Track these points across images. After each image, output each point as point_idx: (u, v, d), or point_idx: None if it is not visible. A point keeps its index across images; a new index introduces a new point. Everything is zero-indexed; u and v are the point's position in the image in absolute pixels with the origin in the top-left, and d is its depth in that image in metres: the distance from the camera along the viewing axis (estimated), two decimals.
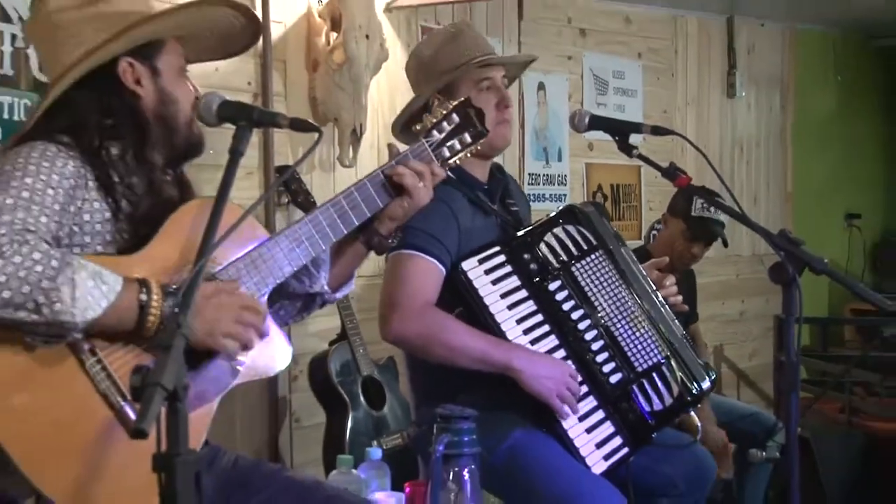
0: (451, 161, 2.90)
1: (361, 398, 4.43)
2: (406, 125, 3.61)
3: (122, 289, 2.35)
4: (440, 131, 2.87)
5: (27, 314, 2.27)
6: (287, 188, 4.25)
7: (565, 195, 5.94)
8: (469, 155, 2.94)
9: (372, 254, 2.98)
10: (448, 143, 2.88)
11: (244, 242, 2.63)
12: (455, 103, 2.92)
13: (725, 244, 5.32)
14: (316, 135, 2.67)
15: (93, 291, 2.31)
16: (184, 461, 1.98)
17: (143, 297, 2.38)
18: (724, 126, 7.38)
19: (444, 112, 2.89)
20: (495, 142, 3.48)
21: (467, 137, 2.90)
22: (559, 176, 5.95)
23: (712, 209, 5.05)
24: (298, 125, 2.65)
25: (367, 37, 4.73)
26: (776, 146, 7.87)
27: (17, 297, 2.25)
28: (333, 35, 4.70)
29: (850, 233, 8.39)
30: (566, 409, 3.27)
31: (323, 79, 4.71)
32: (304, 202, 4.22)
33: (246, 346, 2.51)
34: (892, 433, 5.76)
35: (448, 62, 3.51)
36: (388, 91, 4.99)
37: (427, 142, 2.84)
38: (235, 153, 2.46)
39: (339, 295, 3.00)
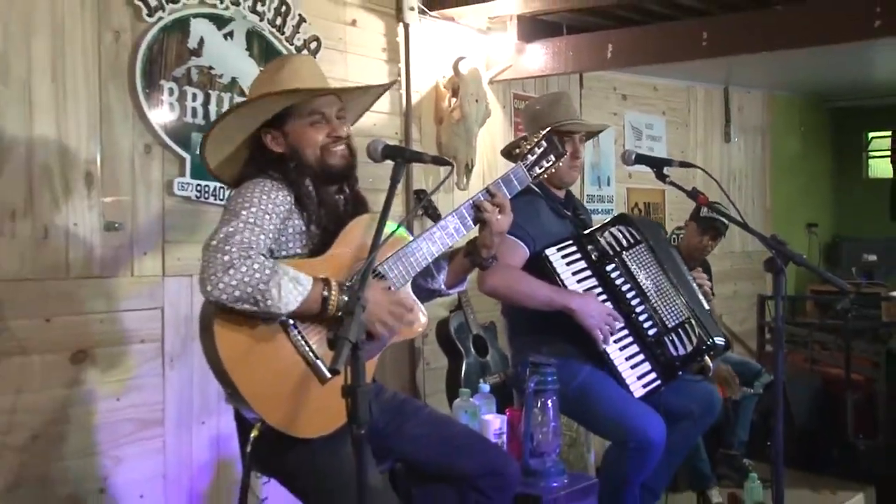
0: (542, 175, 2.88)
1: (472, 349, 4.44)
2: (508, 153, 3.74)
3: (312, 288, 2.42)
4: (533, 154, 2.86)
5: (250, 307, 2.36)
6: (421, 203, 4.24)
7: (612, 209, 5.95)
8: (554, 170, 2.91)
9: None
10: (538, 163, 2.85)
11: (395, 244, 2.65)
12: (543, 133, 2.91)
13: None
14: (448, 168, 2.68)
15: (292, 291, 2.39)
16: (362, 391, 2.04)
17: (325, 293, 2.46)
18: (723, 162, 7.36)
19: (536, 139, 2.89)
20: (568, 179, 3.67)
21: (552, 157, 2.88)
22: (608, 196, 5.94)
23: (717, 208, 5.08)
24: (437, 160, 2.66)
25: (476, 101, 4.75)
26: (758, 176, 7.82)
27: (244, 296, 2.33)
28: (453, 100, 4.72)
29: (810, 237, 8.38)
30: (603, 337, 3.31)
31: (446, 129, 4.73)
32: (432, 214, 4.19)
33: (392, 332, 2.55)
34: (839, 376, 5.74)
35: (549, 118, 3.52)
36: (489, 137, 5.00)
37: (523, 164, 2.84)
38: (394, 181, 2.47)
39: (452, 292, 2.99)
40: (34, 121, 3.29)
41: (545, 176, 2.90)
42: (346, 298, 2.44)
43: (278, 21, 4.00)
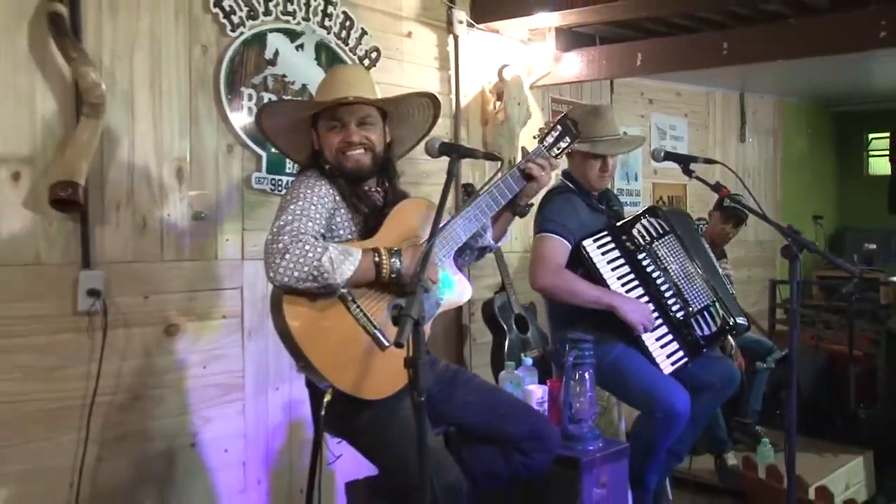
0: (559, 154, 2.89)
1: (514, 327, 4.44)
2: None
3: (362, 257, 2.46)
4: (550, 137, 2.86)
5: (311, 283, 2.39)
6: (468, 195, 4.24)
7: (640, 202, 5.91)
8: (570, 150, 2.96)
9: (520, 241, 2.98)
10: (556, 144, 2.86)
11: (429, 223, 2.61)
12: (559, 118, 2.91)
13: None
14: (498, 162, 2.69)
15: (344, 262, 2.42)
16: (422, 362, 2.03)
17: (376, 258, 2.50)
18: (739, 160, 7.27)
19: (552, 124, 2.89)
20: (598, 186, 3.68)
21: (567, 139, 2.88)
22: (636, 190, 5.92)
23: (738, 199, 5.09)
24: (488, 156, 2.68)
25: (518, 104, 4.75)
26: (770, 173, 7.72)
27: (303, 275, 2.37)
28: (498, 103, 4.72)
29: (816, 228, 8.25)
30: (643, 329, 3.33)
31: (491, 130, 4.73)
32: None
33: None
34: (843, 353, 5.67)
35: (590, 131, 3.49)
36: (529, 136, 4.94)
37: (543, 145, 2.84)
38: (450, 174, 2.49)
39: (499, 244, 3.03)
40: (135, 125, 3.34)
41: (562, 155, 2.90)
42: (397, 262, 2.48)
43: (343, 34, 4.02)
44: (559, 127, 2.86)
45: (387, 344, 2.47)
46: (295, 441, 3.89)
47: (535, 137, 2.96)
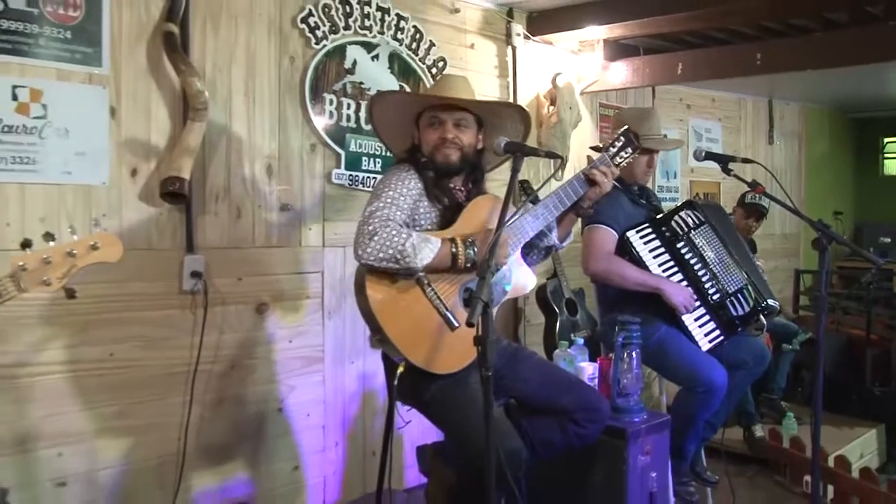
0: (621, 164, 2.88)
1: (565, 309, 4.42)
2: (595, 149, 3.68)
3: (441, 245, 2.47)
4: (614, 147, 2.85)
5: (393, 265, 2.41)
6: (524, 190, 4.23)
7: (677, 197, 5.82)
8: (632, 160, 2.91)
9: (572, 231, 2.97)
10: (619, 154, 2.84)
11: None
12: (621, 130, 2.90)
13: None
14: (559, 160, 2.69)
15: (424, 249, 2.43)
16: (490, 340, 2.03)
17: (454, 248, 2.50)
18: (767, 160, 7.09)
19: (616, 136, 2.87)
20: (642, 181, 3.68)
21: (629, 150, 2.87)
22: (674, 187, 5.83)
23: (756, 197, 5.05)
24: (549, 154, 2.66)
25: (570, 108, 4.72)
26: (795, 172, 7.55)
27: (386, 256, 2.39)
28: (551, 107, 4.69)
29: (836, 223, 8.04)
30: (685, 310, 3.28)
31: (545, 132, 4.70)
32: (534, 199, 4.16)
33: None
34: (860, 336, 5.63)
35: (637, 131, 3.43)
36: (580, 137, 4.95)
37: (607, 154, 2.82)
38: (515, 171, 2.49)
39: (564, 244, 3.00)
40: (232, 127, 3.40)
41: (624, 165, 2.89)
42: (471, 252, 2.49)
43: (413, 45, 4.03)
44: (622, 139, 2.86)
45: (456, 325, 2.48)
46: (368, 409, 3.93)
47: (600, 147, 2.94)
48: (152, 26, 3.15)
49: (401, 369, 2.49)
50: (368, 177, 3.82)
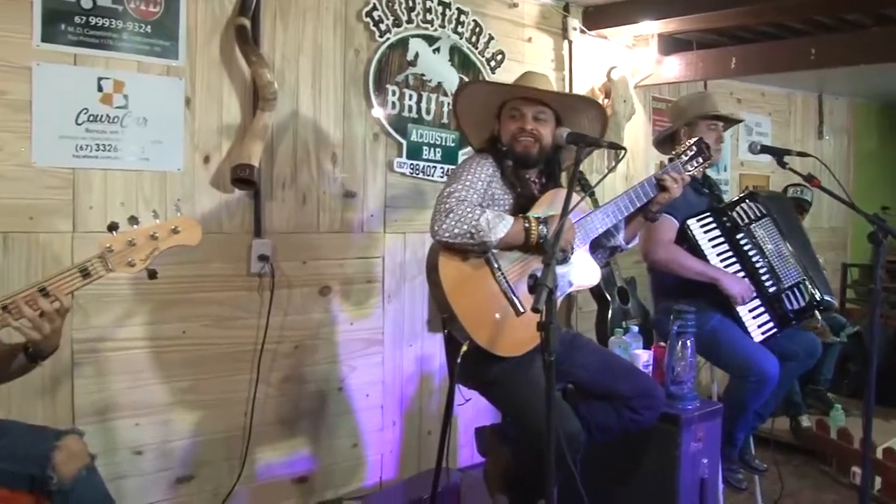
0: (692, 173, 2.87)
1: (616, 298, 4.39)
2: (660, 143, 3.65)
3: (514, 221, 2.49)
4: (686, 156, 2.84)
5: (468, 240, 2.43)
6: (579, 181, 4.20)
7: (727, 190, 5.72)
8: (702, 170, 2.92)
9: None
10: (690, 163, 2.84)
11: (577, 209, 2.64)
12: (694, 140, 2.88)
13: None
14: (623, 151, 2.67)
15: (498, 224, 2.45)
16: (554, 326, 2.03)
17: (526, 224, 2.52)
18: (816, 155, 6.92)
19: (688, 145, 2.85)
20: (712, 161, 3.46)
21: (700, 160, 2.88)
22: (724, 180, 5.73)
23: (799, 191, 5.00)
24: (612, 146, 2.64)
25: (624, 101, 4.67)
26: (844, 166, 7.37)
27: (461, 232, 2.41)
28: (606, 100, 4.64)
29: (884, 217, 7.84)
30: (741, 301, 3.23)
31: None
32: (586, 188, 4.15)
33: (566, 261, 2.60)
34: None
35: (695, 111, 3.44)
36: (633, 130, 4.91)
37: (679, 161, 2.81)
38: (577, 161, 2.49)
39: (630, 246, 2.98)
40: (299, 116, 3.44)
41: (696, 173, 2.90)
42: (543, 228, 2.50)
43: (473, 39, 4.03)
44: (694, 148, 2.87)
45: (522, 311, 2.49)
46: (424, 390, 3.96)
47: (672, 154, 2.92)
48: (225, 20, 3.21)
49: (464, 348, 2.50)
50: (429, 166, 3.84)
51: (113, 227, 2.09)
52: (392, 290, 3.80)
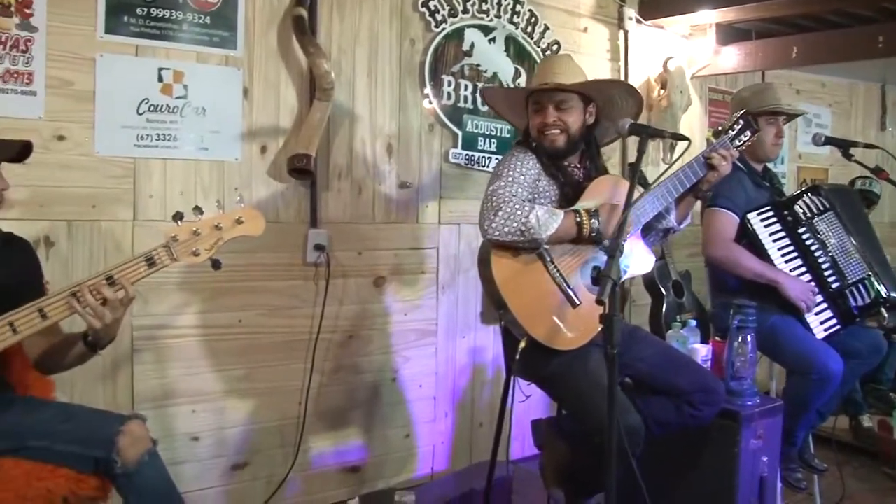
0: (740, 147, 2.80)
1: (671, 291, 4.33)
2: (716, 133, 3.49)
3: (565, 216, 2.47)
4: (733, 130, 2.78)
5: (518, 237, 2.41)
6: (632, 172, 4.13)
7: (785, 183, 5.55)
8: (749, 143, 2.83)
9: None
10: (738, 137, 2.77)
11: (622, 200, 2.54)
12: (740, 113, 2.82)
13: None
14: (686, 142, 2.62)
15: (549, 220, 2.42)
16: (617, 319, 2.01)
17: (578, 218, 2.49)
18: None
19: (735, 119, 2.81)
20: (772, 155, 3.48)
21: (748, 133, 2.80)
22: (781, 173, 5.59)
23: (867, 183, 4.93)
24: (675, 136, 2.60)
25: (680, 92, 4.60)
26: None
27: (511, 230, 2.38)
28: (662, 91, 4.58)
29: None
30: (805, 307, 3.14)
31: (655, 115, 4.60)
32: (643, 183, 4.07)
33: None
34: None
35: (756, 103, 3.37)
36: (689, 121, 4.83)
37: (727, 136, 2.75)
38: (640, 152, 2.44)
39: (682, 226, 2.92)
40: (355, 107, 3.45)
41: (744, 147, 2.82)
42: (596, 221, 2.47)
43: (529, 29, 4.00)
44: (741, 122, 2.79)
45: (578, 302, 2.45)
46: (477, 381, 3.95)
47: (719, 129, 2.85)
48: (283, 11, 3.23)
49: (523, 345, 2.47)
50: (484, 156, 3.82)
51: (178, 217, 2.11)
52: (446, 281, 3.79)
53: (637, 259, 2.70)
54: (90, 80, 2.83)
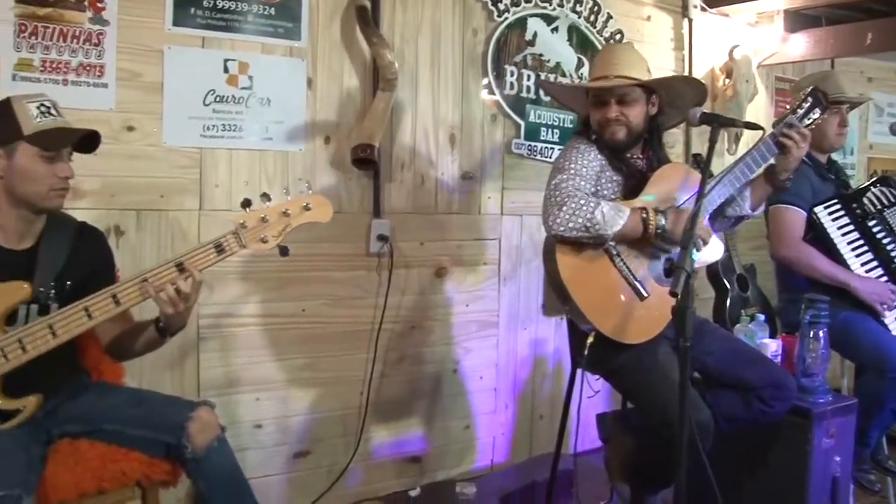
0: (810, 126, 2.67)
1: (735, 285, 4.23)
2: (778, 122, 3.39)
3: (631, 213, 2.40)
4: (801, 108, 2.67)
5: (583, 233, 2.36)
6: (697, 164, 4.05)
7: (854, 174, 5.41)
8: (820, 120, 2.71)
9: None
10: (807, 115, 2.67)
11: (693, 187, 2.53)
12: (809, 89, 2.70)
13: None
14: (761, 131, 2.54)
15: (615, 216, 2.37)
16: (690, 311, 1.96)
17: (644, 214, 2.42)
18: None
19: (803, 96, 2.69)
20: (836, 145, 3.35)
21: (817, 110, 2.68)
22: (850, 164, 5.43)
23: None
24: (749, 126, 2.52)
25: (746, 81, 4.49)
26: None
27: (576, 225, 2.34)
28: (727, 80, 4.47)
29: None
30: (884, 308, 3.04)
31: (720, 105, 4.49)
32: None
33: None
34: None
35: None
36: (754, 111, 4.71)
37: (795, 115, 2.64)
38: (712, 142, 2.37)
39: (756, 213, 2.83)
40: (418, 97, 3.43)
41: (813, 126, 2.69)
42: (662, 219, 2.41)
43: (592, 18, 3.94)
44: (809, 98, 2.67)
45: (646, 295, 2.41)
46: (538, 373, 3.91)
47: (786, 108, 2.76)
48: (346, 1, 3.22)
49: (590, 340, 2.44)
50: (547, 147, 3.78)
51: (246, 204, 2.11)
52: (508, 272, 3.76)
53: (707, 246, 2.63)
54: (158, 72, 2.87)
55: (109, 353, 2.34)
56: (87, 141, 2.19)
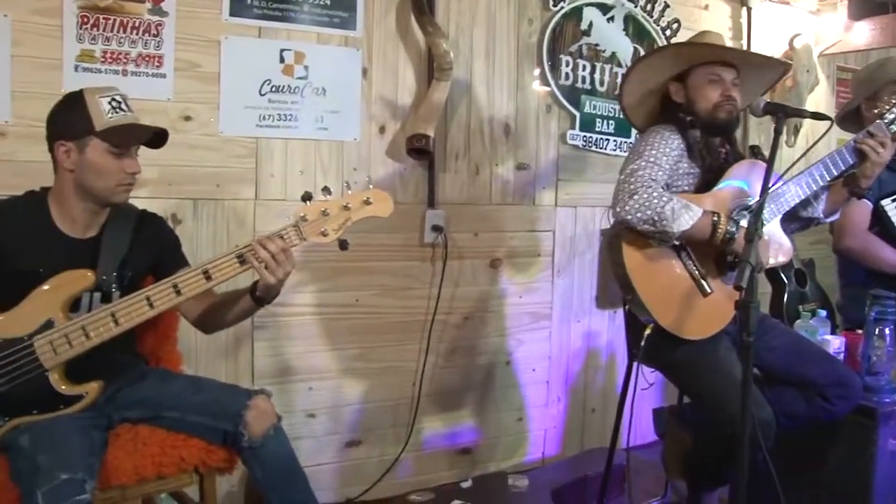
0: None
1: (793, 279, 4.12)
2: (842, 120, 3.28)
3: (702, 216, 2.34)
4: (892, 114, 2.55)
5: (649, 227, 2.31)
6: (754, 155, 3.93)
7: None
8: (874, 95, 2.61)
9: None
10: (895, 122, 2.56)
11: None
12: None
13: None
14: (827, 122, 2.44)
15: (684, 215, 2.32)
16: (754, 306, 1.91)
17: (715, 218, 2.36)
18: None
19: (894, 102, 2.57)
20: None
21: None
22: None
23: None
24: (816, 116, 2.42)
25: (807, 71, 4.35)
26: None
27: (644, 217, 2.29)
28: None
29: None
30: None
31: (779, 95, 4.36)
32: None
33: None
34: None
35: (878, 80, 3.11)
36: (815, 102, 4.57)
37: (883, 122, 2.54)
38: (777, 133, 2.28)
39: (829, 220, 2.74)
40: (473, 87, 3.40)
41: None
42: (732, 227, 2.35)
43: (648, 7, 3.86)
44: None
45: (709, 291, 2.36)
46: (590, 366, 3.87)
47: (873, 113, 2.65)
48: None
49: (648, 331, 2.40)
50: (602, 138, 3.72)
51: (307, 197, 2.10)
52: (562, 264, 3.72)
53: (776, 247, 2.57)
54: (215, 62, 2.89)
55: (198, 326, 2.34)
56: (156, 136, 2.21)
